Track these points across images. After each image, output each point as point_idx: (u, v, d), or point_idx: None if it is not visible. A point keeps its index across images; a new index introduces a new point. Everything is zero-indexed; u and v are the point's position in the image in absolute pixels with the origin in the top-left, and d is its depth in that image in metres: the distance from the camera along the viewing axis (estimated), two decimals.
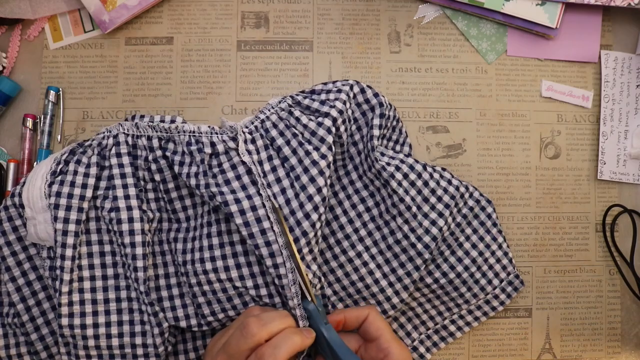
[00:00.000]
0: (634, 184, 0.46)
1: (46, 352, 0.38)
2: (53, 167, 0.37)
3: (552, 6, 0.44)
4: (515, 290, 0.43)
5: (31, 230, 0.37)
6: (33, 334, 0.37)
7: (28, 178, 0.38)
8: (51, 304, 0.38)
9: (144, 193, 0.39)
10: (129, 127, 0.39)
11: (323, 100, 0.40)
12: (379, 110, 0.40)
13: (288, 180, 0.38)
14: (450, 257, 0.41)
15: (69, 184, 0.36)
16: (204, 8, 0.46)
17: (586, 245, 0.46)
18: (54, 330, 0.38)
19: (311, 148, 0.38)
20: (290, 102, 0.40)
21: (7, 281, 0.37)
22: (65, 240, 0.35)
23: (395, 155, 0.41)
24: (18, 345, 0.38)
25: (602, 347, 0.45)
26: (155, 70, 0.45)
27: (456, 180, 0.42)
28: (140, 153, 0.39)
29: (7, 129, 0.44)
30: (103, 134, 0.39)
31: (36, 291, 0.38)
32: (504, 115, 0.46)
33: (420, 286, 0.41)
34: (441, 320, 0.43)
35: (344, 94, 0.40)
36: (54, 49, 0.45)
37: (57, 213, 0.36)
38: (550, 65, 0.46)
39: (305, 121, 0.39)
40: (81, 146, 0.39)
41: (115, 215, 0.36)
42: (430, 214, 0.40)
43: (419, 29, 0.46)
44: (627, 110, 0.46)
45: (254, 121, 0.40)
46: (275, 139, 0.39)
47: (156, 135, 0.39)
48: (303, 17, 0.46)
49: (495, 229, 0.43)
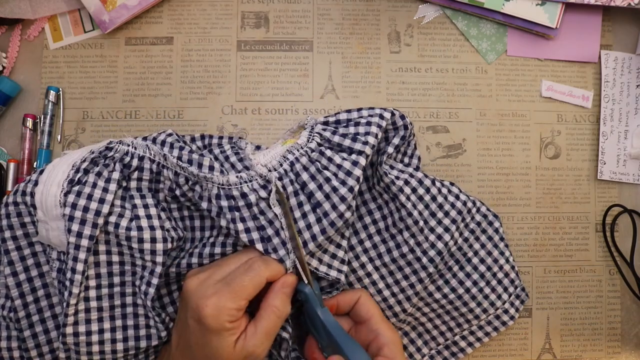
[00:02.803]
0: (634, 184, 0.46)
1: (36, 350, 0.37)
2: (71, 175, 0.35)
3: (552, 6, 0.44)
4: (522, 304, 0.43)
5: (43, 232, 0.36)
6: (26, 331, 0.37)
7: (42, 179, 0.36)
8: (49, 302, 0.38)
9: (167, 212, 0.38)
10: (156, 153, 0.37)
11: (354, 136, 0.38)
12: (403, 132, 0.40)
13: (314, 216, 0.37)
14: (458, 272, 0.41)
15: (86, 196, 0.34)
16: (204, 8, 0.46)
17: (586, 245, 0.46)
18: (47, 329, 0.37)
19: (338, 183, 0.36)
20: (319, 141, 0.38)
21: (9, 275, 0.37)
22: (77, 255, 0.34)
23: (405, 169, 0.40)
24: (9, 338, 0.37)
25: (602, 347, 0.45)
26: (155, 70, 0.45)
27: (464, 195, 0.42)
28: (163, 180, 0.38)
29: (7, 129, 0.44)
30: (127, 149, 0.37)
31: (36, 288, 0.37)
32: (504, 115, 0.46)
33: (429, 301, 0.41)
34: (452, 336, 0.43)
35: (375, 126, 0.38)
36: (54, 49, 0.45)
37: (71, 226, 0.34)
38: (550, 65, 0.46)
39: (338, 161, 0.37)
40: (103, 157, 0.37)
41: (138, 234, 0.35)
42: (436, 229, 0.40)
43: (419, 29, 0.46)
44: (627, 110, 0.46)
45: (283, 162, 0.38)
46: (307, 183, 0.37)
47: (184, 174, 0.37)
48: (303, 17, 0.46)
49: (503, 243, 0.43)
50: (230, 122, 0.45)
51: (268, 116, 0.45)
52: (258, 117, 0.45)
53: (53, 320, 0.37)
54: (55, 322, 0.37)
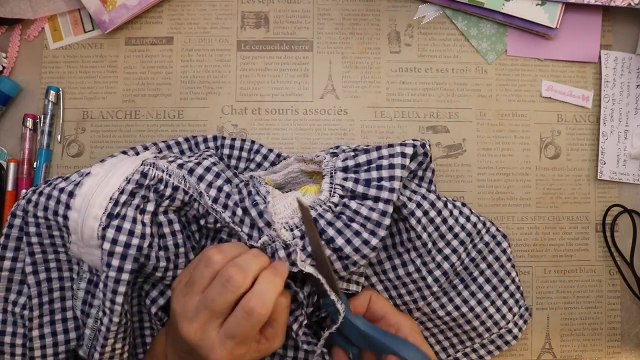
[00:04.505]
0: (634, 184, 0.46)
1: (41, 351, 0.37)
2: (109, 209, 0.34)
3: (552, 6, 0.44)
4: (525, 323, 0.43)
5: (75, 250, 0.36)
6: (35, 330, 0.37)
7: (76, 206, 0.34)
8: (62, 305, 0.38)
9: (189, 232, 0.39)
10: (192, 187, 0.36)
11: (378, 182, 0.35)
12: (420, 159, 0.40)
13: (341, 264, 0.36)
14: (463, 291, 0.41)
15: (127, 232, 0.34)
16: (204, 8, 0.46)
17: (586, 245, 0.46)
18: (55, 332, 0.37)
19: (368, 235, 0.35)
20: (341, 192, 0.36)
21: (30, 273, 0.36)
22: (116, 288, 0.34)
23: (418, 190, 0.39)
24: (14, 335, 0.37)
25: (602, 347, 0.45)
26: (155, 70, 0.45)
27: (474, 216, 0.41)
28: (190, 209, 0.37)
29: (7, 129, 0.44)
30: (162, 176, 0.36)
31: (53, 289, 0.37)
32: (504, 115, 0.46)
33: (432, 317, 0.41)
34: (454, 353, 0.43)
35: (399, 169, 0.36)
36: (54, 49, 0.45)
37: (111, 261, 0.33)
38: (550, 65, 0.46)
39: (366, 213, 0.35)
40: (140, 187, 0.35)
41: (167, 265, 0.36)
42: (444, 250, 0.39)
43: (419, 29, 0.46)
44: (627, 110, 0.46)
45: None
46: (335, 238, 0.35)
47: (214, 216, 0.36)
48: (303, 17, 0.46)
49: (510, 263, 0.43)
50: (230, 122, 0.45)
51: (268, 116, 0.45)
52: (258, 117, 0.45)
53: (62, 324, 0.38)
54: (64, 326, 0.38)
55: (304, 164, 0.40)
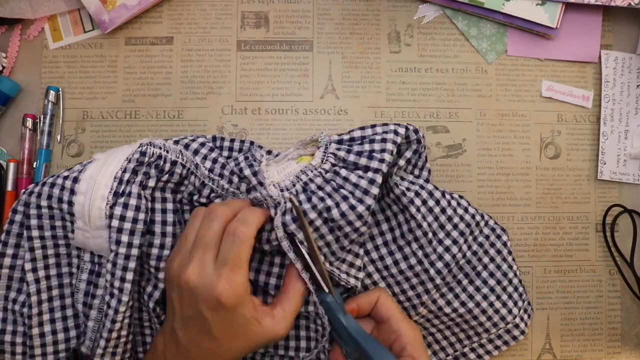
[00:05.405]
0: (634, 184, 0.46)
1: (41, 349, 0.37)
2: (114, 187, 0.36)
3: (552, 6, 0.44)
4: (529, 318, 0.43)
5: (79, 237, 0.36)
6: (35, 329, 0.37)
7: (81, 189, 0.36)
8: (61, 303, 0.38)
9: (180, 215, 0.39)
10: (189, 160, 0.38)
11: (369, 153, 0.37)
12: (415, 147, 0.40)
13: (332, 236, 0.36)
14: (468, 286, 0.41)
15: (133, 208, 0.35)
16: (204, 8, 0.46)
17: (586, 245, 0.46)
18: (55, 330, 0.38)
19: (355, 202, 0.36)
20: (333, 161, 0.38)
21: (29, 270, 0.37)
22: (127, 264, 0.35)
23: (415, 181, 0.40)
24: (14, 333, 0.37)
25: (602, 347, 0.45)
26: (155, 70, 0.45)
27: (472, 208, 0.42)
28: (187, 184, 0.38)
29: (7, 129, 0.44)
30: (160, 152, 0.37)
31: (52, 287, 0.38)
32: (504, 115, 0.46)
33: (439, 314, 0.41)
34: (461, 348, 0.43)
35: (390, 143, 0.37)
36: (54, 49, 0.45)
37: (121, 237, 0.35)
38: (550, 65, 0.46)
39: (354, 180, 0.36)
40: (141, 165, 0.37)
41: (149, 239, 0.36)
42: (445, 240, 0.40)
43: (419, 29, 0.46)
44: (627, 110, 0.46)
45: (296, 183, 0.37)
46: (323, 199, 0.36)
47: (210, 186, 0.38)
48: (303, 17, 0.46)
49: (511, 257, 0.43)
50: (230, 122, 0.45)
51: (268, 116, 0.45)
52: (258, 117, 0.45)
53: (62, 322, 0.38)
54: (64, 324, 0.38)
55: (304, 149, 0.41)
